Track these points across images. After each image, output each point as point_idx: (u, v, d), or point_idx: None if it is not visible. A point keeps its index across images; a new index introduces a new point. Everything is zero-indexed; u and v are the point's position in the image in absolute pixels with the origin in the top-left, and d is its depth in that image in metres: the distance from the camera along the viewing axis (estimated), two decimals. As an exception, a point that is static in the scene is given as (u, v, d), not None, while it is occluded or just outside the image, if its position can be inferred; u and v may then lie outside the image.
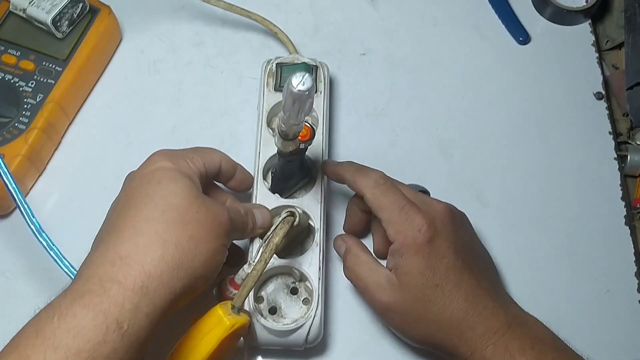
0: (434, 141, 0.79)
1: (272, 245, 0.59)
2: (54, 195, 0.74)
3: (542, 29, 0.87)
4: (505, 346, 0.56)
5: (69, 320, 0.45)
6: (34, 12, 0.72)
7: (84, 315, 0.46)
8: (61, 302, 0.47)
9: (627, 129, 0.84)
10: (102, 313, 0.46)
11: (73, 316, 0.46)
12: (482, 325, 0.58)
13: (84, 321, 0.45)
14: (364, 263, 0.64)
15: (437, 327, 0.58)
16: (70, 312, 0.46)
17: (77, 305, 0.46)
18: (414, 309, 0.59)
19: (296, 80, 0.49)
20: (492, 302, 0.59)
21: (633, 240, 0.75)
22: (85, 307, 0.46)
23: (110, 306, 0.47)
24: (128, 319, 0.47)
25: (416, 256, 0.59)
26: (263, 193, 0.68)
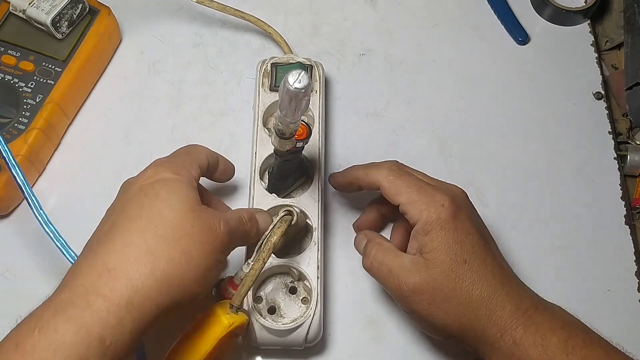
0: (433, 141, 0.79)
1: (270, 245, 0.59)
2: (53, 196, 0.74)
3: (542, 29, 0.87)
4: (536, 326, 0.56)
5: (50, 334, 0.44)
6: (34, 12, 0.72)
7: (66, 330, 0.44)
8: (43, 313, 0.46)
9: (627, 128, 0.84)
10: (84, 328, 0.45)
11: (54, 330, 0.44)
12: (511, 305, 0.57)
13: (65, 336, 0.44)
14: (386, 249, 0.62)
15: (467, 306, 0.57)
16: (52, 326, 0.44)
17: (59, 319, 0.45)
18: (443, 287, 0.57)
19: (292, 78, 0.49)
20: (518, 283, 0.59)
21: (633, 240, 0.75)
22: (67, 321, 0.45)
23: (94, 321, 0.45)
24: (111, 335, 0.46)
25: (442, 231, 0.58)
26: (260, 193, 0.68)
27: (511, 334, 0.56)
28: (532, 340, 0.55)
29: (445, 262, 0.57)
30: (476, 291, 0.57)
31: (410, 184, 0.61)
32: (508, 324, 0.56)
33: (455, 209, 0.59)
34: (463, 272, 0.57)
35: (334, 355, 0.68)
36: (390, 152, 0.78)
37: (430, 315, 0.58)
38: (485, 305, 0.57)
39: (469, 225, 0.59)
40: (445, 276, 0.57)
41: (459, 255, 0.57)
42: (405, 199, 0.60)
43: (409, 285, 0.58)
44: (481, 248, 0.59)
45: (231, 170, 0.68)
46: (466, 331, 0.58)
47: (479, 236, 0.59)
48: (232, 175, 0.69)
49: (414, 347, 0.69)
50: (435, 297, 0.57)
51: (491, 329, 0.56)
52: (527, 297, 0.58)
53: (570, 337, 0.55)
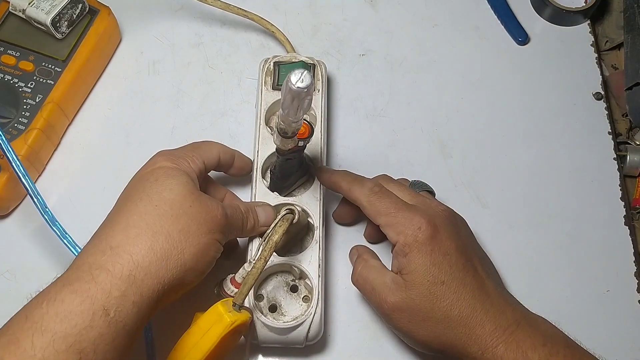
0: (433, 141, 0.79)
1: (271, 243, 0.59)
2: (53, 196, 0.74)
3: (541, 29, 0.87)
4: (517, 343, 0.56)
5: (56, 305, 0.46)
6: (34, 12, 0.72)
7: (72, 301, 0.47)
8: (51, 289, 0.48)
9: (627, 129, 0.84)
10: (89, 299, 0.47)
11: (61, 301, 0.46)
12: (491, 323, 0.57)
13: (71, 306, 0.46)
14: (371, 267, 0.64)
15: (446, 325, 0.58)
16: (59, 298, 0.47)
17: (65, 291, 0.47)
18: (422, 307, 0.58)
19: (295, 77, 0.49)
20: (499, 300, 0.60)
21: (633, 240, 0.75)
22: (73, 292, 0.47)
23: (98, 292, 0.48)
24: (115, 306, 0.48)
25: (419, 254, 0.59)
26: (262, 191, 0.68)
27: (492, 352, 0.56)
28: (513, 357, 0.56)
29: (422, 284, 0.58)
30: (454, 311, 0.58)
31: (389, 206, 0.62)
32: (488, 342, 0.57)
33: (432, 231, 0.60)
34: (441, 293, 0.58)
35: (334, 354, 0.68)
36: (390, 152, 0.78)
37: (410, 332, 0.60)
38: (464, 325, 0.57)
39: (448, 245, 0.60)
40: (423, 297, 0.58)
41: (436, 277, 0.58)
42: (383, 222, 0.61)
43: (388, 304, 0.60)
44: (460, 268, 0.59)
45: (248, 166, 0.70)
46: (448, 348, 0.59)
47: (458, 255, 0.60)
48: (249, 171, 0.70)
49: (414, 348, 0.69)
50: (413, 317, 0.59)
51: (472, 347, 0.57)
52: (508, 313, 0.59)
53: (552, 354, 0.56)
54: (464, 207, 0.71)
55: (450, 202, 0.66)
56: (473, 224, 0.66)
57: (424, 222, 0.60)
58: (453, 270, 0.59)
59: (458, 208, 0.66)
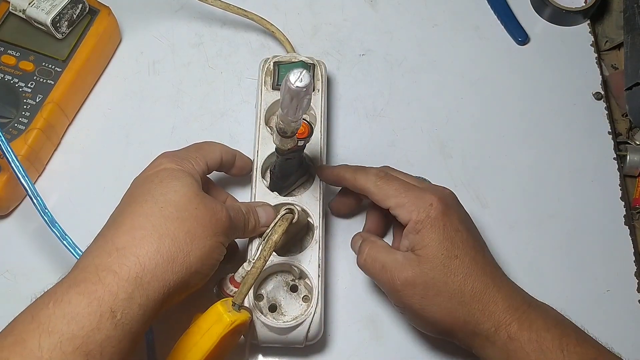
0: (433, 141, 0.79)
1: (271, 243, 0.59)
2: (53, 196, 0.74)
3: (541, 29, 0.87)
4: (530, 323, 0.57)
5: (64, 306, 0.46)
6: (34, 12, 0.72)
7: (79, 302, 0.46)
8: (57, 289, 0.48)
9: (627, 129, 0.84)
10: (96, 300, 0.47)
11: (68, 302, 0.46)
12: (504, 301, 0.58)
13: (78, 308, 0.46)
14: (380, 247, 0.63)
15: (459, 300, 0.58)
16: (66, 299, 0.46)
17: (72, 292, 0.47)
18: (435, 281, 0.58)
19: (294, 76, 0.50)
20: (507, 282, 0.61)
21: (633, 240, 0.76)
22: (80, 294, 0.47)
23: (105, 294, 0.47)
24: (122, 308, 0.48)
25: (432, 228, 0.59)
26: (262, 191, 0.68)
27: (506, 329, 0.57)
28: (527, 336, 0.56)
29: (437, 257, 0.59)
30: (468, 286, 0.58)
31: (397, 187, 0.62)
32: (502, 319, 0.57)
33: (444, 207, 0.60)
34: (455, 266, 0.58)
35: (334, 354, 0.68)
36: (390, 152, 0.78)
37: (422, 310, 0.59)
38: (478, 300, 0.58)
39: (458, 223, 0.61)
40: (437, 270, 0.58)
41: (450, 251, 0.59)
42: (394, 203, 0.62)
43: (401, 279, 0.59)
44: (470, 245, 0.60)
45: (248, 166, 0.70)
46: (459, 326, 0.59)
47: (468, 234, 0.61)
48: (249, 170, 0.70)
49: (414, 347, 0.69)
50: (427, 291, 0.58)
51: (485, 324, 0.57)
52: (518, 295, 0.60)
53: (564, 335, 0.57)
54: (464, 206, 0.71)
55: (450, 202, 0.66)
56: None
57: (435, 199, 0.60)
58: (465, 246, 0.59)
59: (458, 208, 0.66)
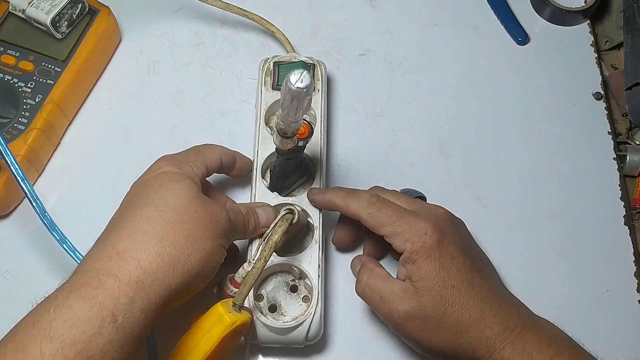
0: (433, 141, 0.79)
1: (271, 243, 0.59)
2: (53, 196, 0.74)
3: (541, 29, 0.87)
4: (523, 345, 0.57)
5: (65, 311, 0.46)
6: (33, 12, 0.72)
7: (80, 307, 0.46)
8: (58, 294, 0.48)
9: (626, 129, 0.84)
10: (97, 305, 0.47)
11: (69, 308, 0.46)
12: (500, 324, 0.58)
13: (79, 313, 0.46)
14: (378, 275, 0.63)
15: (458, 330, 0.58)
16: (67, 304, 0.46)
17: (73, 297, 0.47)
18: (434, 314, 0.58)
19: (294, 77, 0.50)
20: (505, 300, 0.60)
21: (632, 240, 0.76)
22: (81, 299, 0.47)
23: (106, 299, 0.47)
24: (123, 312, 0.48)
25: (428, 259, 0.59)
26: (262, 191, 0.68)
27: (499, 353, 0.57)
28: (519, 358, 0.56)
29: (434, 289, 0.58)
30: (465, 315, 0.58)
31: (390, 214, 0.61)
32: (497, 344, 0.57)
33: (439, 236, 0.59)
34: (452, 297, 0.58)
35: (334, 354, 0.68)
36: (390, 152, 0.78)
37: (423, 341, 0.60)
38: (474, 328, 0.58)
39: (454, 249, 0.60)
40: (435, 303, 0.58)
41: (446, 282, 0.58)
42: (388, 231, 0.61)
43: (400, 313, 0.59)
44: (467, 271, 0.60)
45: (248, 167, 0.70)
46: (459, 353, 0.59)
47: (464, 258, 0.60)
48: (249, 171, 0.70)
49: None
50: (427, 324, 0.58)
51: (480, 350, 0.58)
52: (515, 314, 0.59)
53: (557, 354, 0.57)
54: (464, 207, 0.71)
55: (450, 202, 0.66)
56: (473, 224, 0.66)
57: (429, 227, 0.60)
58: (461, 273, 0.59)
59: (458, 208, 0.66)
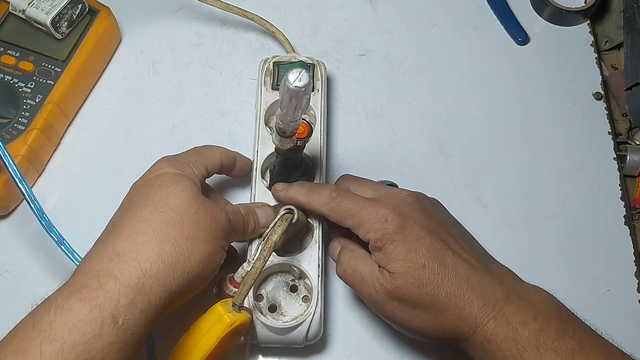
0: (433, 141, 0.79)
1: (270, 243, 0.59)
2: (53, 196, 0.74)
3: (541, 29, 0.87)
4: (506, 319, 0.56)
5: (65, 313, 0.46)
6: (33, 13, 0.72)
7: (80, 309, 0.46)
8: (58, 296, 0.48)
9: (627, 129, 0.84)
10: (97, 307, 0.47)
11: (69, 309, 0.46)
12: (479, 300, 0.57)
13: (79, 314, 0.46)
14: (360, 256, 0.62)
15: (436, 309, 0.57)
16: (67, 306, 0.46)
17: (73, 299, 0.47)
18: (410, 295, 0.57)
19: (293, 76, 0.50)
20: (485, 276, 0.59)
21: (633, 240, 0.75)
22: (81, 300, 0.47)
23: (106, 300, 0.47)
24: (123, 314, 0.48)
25: (392, 244, 0.58)
26: (261, 191, 0.68)
27: (482, 330, 0.56)
28: (503, 334, 0.55)
29: (405, 272, 0.57)
30: (442, 293, 0.57)
31: (351, 206, 0.61)
32: (479, 320, 0.56)
33: (400, 220, 0.59)
34: (425, 277, 0.57)
35: (334, 354, 0.68)
36: (390, 152, 0.78)
37: (405, 323, 0.59)
38: (453, 305, 0.57)
39: (418, 230, 0.59)
40: (409, 285, 0.57)
41: (415, 262, 0.57)
42: (351, 224, 0.61)
43: (380, 293, 0.59)
44: (437, 249, 0.59)
45: (248, 167, 0.70)
46: (442, 332, 0.58)
47: (432, 237, 0.59)
48: (249, 171, 0.70)
49: (414, 347, 0.69)
50: (405, 306, 0.58)
51: (463, 327, 0.57)
52: (497, 287, 0.58)
53: (543, 329, 0.55)
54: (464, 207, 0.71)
55: (450, 202, 0.66)
56: (473, 224, 0.66)
57: (389, 212, 0.59)
58: (431, 252, 0.58)
59: (458, 208, 0.66)
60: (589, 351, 0.55)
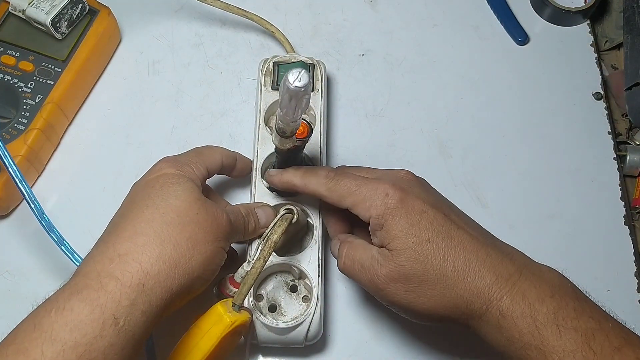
0: (433, 141, 0.79)
1: (270, 243, 0.59)
2: (53, 196, 0.74)
3: (541, 29, 0.87)
4: (523, 295, 0.53)
5: (66, 314, 0.46)
6: (33, 13, 0.72)
7: (81, 310, 0.46)
8: (59, 296, 0.47)
9: (626, 129, 0.84)
10: (99, 308, 0.47)
11: (70, 310, 0.46)
12: (491, 273, 0.54)
13: (81, 315, 0.46)
14: (357, 245, 0.61)
15: (444, 285, 0.54)
16: (68, 306, 0.46)
17: (74, 300, 0.47)
18: (414, 271, 0.55)
19: (292, 76, 0.50)
20: (494, 251, 0.56)
21: (633, 240, 0.76)
22: (82, 301, 0.47)
23: (107, 301, 0.47)
24: (124, 315, 0.48)
25: (394, 219, 0.56)
26: (261, 191, 0.68)
27: (497, 305, 0.53)
28: (520, 311, 0.52)
29: (408, 246, 0.55)
30: (449, 267, 0.54)
31: (349, 185, 0.59)
32: (492, 295, 0.53)
33: (401, 194, 0.57)
34: (429, 251, 0.55)
35: (334, 354, 0.68)
36: (390, 152, 0.78)
37: (410, 304, 0.56)
38: (462, 279, 0.54)
39: (421, 204, 0.57)
40: (413, 261, 0.55)
41: (419, 236, 0.55)
42: (350, 202, 0.59)
43: (381, 277, 0.56)
44: (441, 223, 0.56)
45: (249, 167, 0.70)
46: (451, 311, 0.55)
47: (435, 211, 0.57)
48: (249, 171, 0.70)
49: (414, 347, 0.69)
50: (409, 284, 0.55)
51: (475, 303, 0.54)
52: (508, 262, 0.55)
53: (561, 307, 0.52)
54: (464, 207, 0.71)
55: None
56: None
57: (389, 187, 0.57)
58: (434, 225, 0.56)
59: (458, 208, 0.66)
60: (608, 331, 0.52)
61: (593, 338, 0.51)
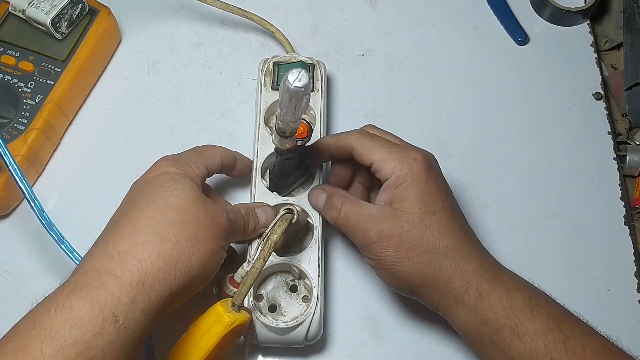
0: (433, 141, 0.79)
1: (270, 243, 0.59)
2: (53, 196, 0.74)
3: (541, 29, 0.87)
4: (501, 282, 0.57)
5: (65, 311, 0.46)
6: (33, 13, 0.72)
7: (81, 307, 0.46)
8: (58, 294, 0.48)
9: (626, 129, 0.84)
10: (98, 305, 0.47)
11: (70, 308, 0.46)
12: (477, 261, 0.58)
13: (80, 313, 0.46)
14: (353, 200, 0.63)
15: (432, 256, 0.58)
16: (67, 304, 0.46)
17: (74, 297, 0.47)
18: (410, 234, 0.58)
19: (292, 76, 0.50)
20: (480, 245, 0.62)
21: (632, 240, 0.75)
22: (82, 299, 0.47)
23: (107, 299, 0.47)
24: (124, 312, 0.48)
25: (413, 183, 0.59)
26: (261, 191, 0.68)
27: (476, 288, 0.57)
28: (497, 294, 0.56)
29: (414, 211, 0.58)
30: (443, 242, 0.58)
31: (382, 143, 0.62)
32: (473, 278, 0.57)
33: (427, 165, 0.60)
34: (431, 222, 0.58)
35: (334, 354, 0.68)
36: (390, 152, 0.78)
37: (394, 263, 0.59)
38: (451, 257, 0.58)
39: (441, 181, 0.61)
40: (413, 224, 0.58)
41: (428, 207, 0.59)
42: (377, 157, 0.61)
43: (375, 231, 0.59)
44: (450, 203, 0.61)
45: (248, 167, 0.70)
46: (429, 283, 0.58)
47: (449, 192, 0.62)
48: (249, 171, 0.70)
49: (414, 347, 0.69)
50: (401, 244, 0.58)
51: (456, 282, 0.58)
52: (490, 257, 0.61)
53: (534, 295, 0.57)
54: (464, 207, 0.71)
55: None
56: (473, 223, 0.66)
57: (418, 154, 0.61)
58: (445, 204, 0.60)
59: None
60: (577, 320, 0.58)
61: (563, 323, 0.56)
